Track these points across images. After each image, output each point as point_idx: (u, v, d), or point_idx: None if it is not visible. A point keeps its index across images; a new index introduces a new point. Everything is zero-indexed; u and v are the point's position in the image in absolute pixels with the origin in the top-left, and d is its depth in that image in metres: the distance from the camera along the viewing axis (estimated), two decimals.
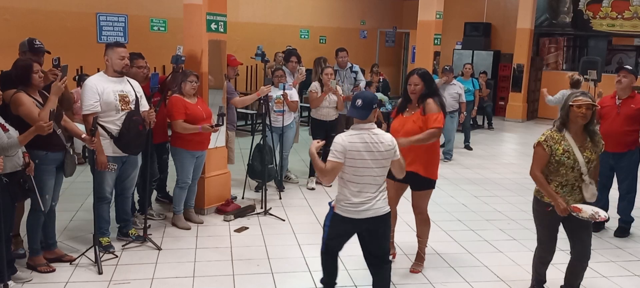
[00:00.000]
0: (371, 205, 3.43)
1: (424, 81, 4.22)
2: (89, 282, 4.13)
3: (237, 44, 10.81)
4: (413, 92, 4.24)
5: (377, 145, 3.38)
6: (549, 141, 3.63)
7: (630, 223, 5.55)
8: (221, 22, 5.58)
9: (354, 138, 3.38)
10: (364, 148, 3.37)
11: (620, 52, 13.43)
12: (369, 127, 3.41)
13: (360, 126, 3.42)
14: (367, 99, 3.39)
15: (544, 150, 3.64)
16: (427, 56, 9.23)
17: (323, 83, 6.62)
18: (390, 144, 3.44)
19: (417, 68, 4.44)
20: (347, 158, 3.37)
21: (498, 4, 14.58)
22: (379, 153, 3.39)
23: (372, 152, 3.38)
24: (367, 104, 3.37)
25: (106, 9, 9.19)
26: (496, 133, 11.88)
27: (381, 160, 3.41)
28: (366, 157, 3.37)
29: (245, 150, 7.77)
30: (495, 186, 7.37)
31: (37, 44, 4.51)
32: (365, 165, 3.38)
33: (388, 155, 3.43)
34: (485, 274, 4.53)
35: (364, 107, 3.36)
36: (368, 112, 3.38)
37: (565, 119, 3.64)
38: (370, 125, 3.42)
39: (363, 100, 3.38)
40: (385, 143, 3.41)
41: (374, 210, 3.45)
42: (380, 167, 3.43)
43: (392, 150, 3.45)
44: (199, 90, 5.29)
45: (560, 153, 3.61)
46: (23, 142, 3.72)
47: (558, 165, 3.63)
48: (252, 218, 5.64)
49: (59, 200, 4.43)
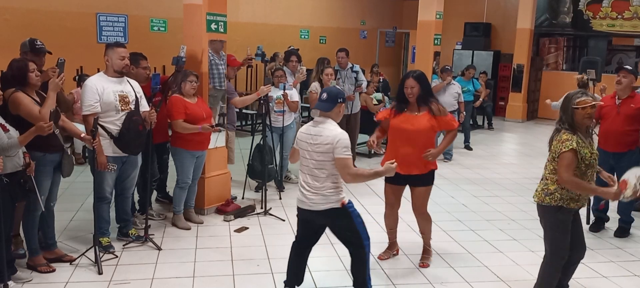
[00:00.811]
0: (309, 196, 3.52)
1: (419, 83, 4.30)
2: (89, 282, 4.13)
3: (237, 44, 10.81)
4: (410, 95, 4.31)
5: (316, 138, 3.47)
6: (579, 146, 3.52)
7: (630, 223, 5.55)
8: (221, 22, 5.58)
9: (305, 129, 3.58)
10: (306, 138, 3.52)
11: (620, 52, 13.43)
12: (322, 120, 3.51)
13: (317, 119, 3.55)
14: (332, 93, 3.55)
15: (576, 156, 3.52)
16: (427, 56, 9.23)
17: (323, 83, 6.62)
18: (329, 139, 3.42)
19: (412, 70, 4.49)
20: (297, 146, 3.62)
21: (498, 4, 14.58)
22: (316, 145, 3.46)
23: (310, 143, 3.49)
24: (331, 98, 3.51)
25: (106, 9, 9.19)
26: (496, 133, 11.88)
27: (317, 152, 3.46)
28: (306, 147, 3.52)
29: (245, 150, 7.77)
30: (495, 186, 7.37)
31: (39, 45, 4.52)
32: (306, 155, 3.54)
33: (326, 149, 3.43)
34: (485, 274, 4.53)
35: (329, 99, 3.51)
36: (331, 105, 3.49)
37: (572, 121, 3.58)
38: (325, 119, 3.51)
39: (328, 94, 3.54)
40: (324, 137, 3.44)
41: (311, 203, 3.52)
42: (315, 160, 3.48)
43: (331, 146, 3.41)
44: (199, 90, 5.29)
45: (589, 156, 3.57)
46: (23, 143, 3.72)
47: (586, 169, 3.58)
48: (252, 218, 5.64)
49: (58, 200, 4.43)
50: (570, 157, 3.51)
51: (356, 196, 6.06)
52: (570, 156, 3.51)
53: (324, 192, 3.49)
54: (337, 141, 3.41)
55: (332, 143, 3.41)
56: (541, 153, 3.76)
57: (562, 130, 3.63)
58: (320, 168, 3.47)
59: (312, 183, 3.50)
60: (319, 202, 3.50)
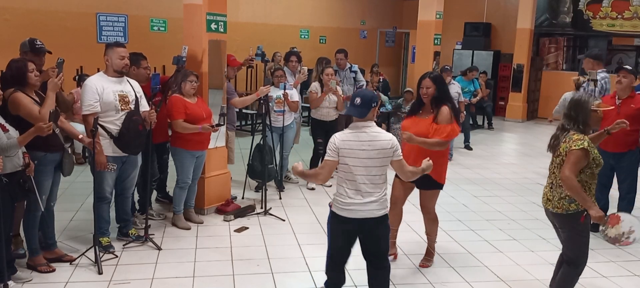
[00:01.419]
0: (366, 206, 3.37)
1: (435, 84, 4.26)
2: (89, 282, 4.13)
3: (237, 44, 10.80)
4: (425, 95, 4.27)
5: (373, 143, 3.34)
6: (590, 146, 3.51)
7: None
8: (221, 22, 5.58)
9: (348, 136, 3.38)
10: (358, 146, 3.34)
11: (620, 52, 13.42)
12: (366, 125, 3.37)
13: (358, 124, 3.39)
14: (366, 98, 3.37)
15: (587, 156, 3.49)
16: (427, 56, 9.24)
17: (323, 83, 6.62)
18: (389, 143, 3.37)
19: (430, 71, 4.51)
20: (341, 157, 3.37)
21: (498, 4, 14.58)
22: (376, 151, 3.34)
23: (367, 150, 3.33)
24: (366, 102, 3.34)
25: (106, 9, 9.19)
26: (496, 133, 11.88)
27: (378, 158, 3.35)
28: (361, 155, 3.33)
29: (245, 150, 7.77)
30: (495, 186, 7.37)
31: (38, 44, 4.52)
32: (359, 163, 3.34)
33: (386, 154, 3.37)
34: (485, 274, 4.53)
35: (363, 105, 3.34)
36: (366, 110, 3.35)
37: (585, 122, 3.58)
38: (368, 123, 3.38)
39: (362, 98, 3.36)
40: (383, 141, 3.36)
41: (369, 210, 3.38)
42: (376, 166, 3.36)
43: (391, 150, 3.38)
44: (199, 90, 5.29)
45: (598, 157, 3.57)
46: (22, 143, 3.72)
47: (597, 168, 3.58)
48: (252, 218, 5.64)
49: (58, 200, 4.44)
50: (580, 156, 3.47)
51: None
52: (580, 155, 3.47)
53: (382, 197, 3.42)
54: (395, 143, 3.39)
55: (392, 146, 3.36)
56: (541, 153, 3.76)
57: (570, 131, 3.60)
58: (380, 174, 3.38)
59: (372, 190, 3.36)
60: (376, 209, 3.40)
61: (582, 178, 3.56)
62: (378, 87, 10.55)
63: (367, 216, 3.39)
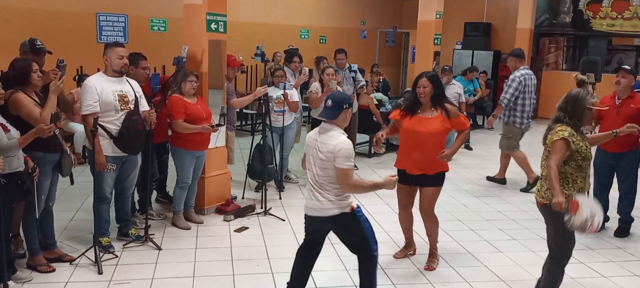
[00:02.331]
0: (314, 203, 3.47)
1: (432, 83, 4.29)
2: (89, 282, 4.13)
3: (237, 44, 10.80)
4: (422, 94, 4.29)
5: (321, 145, 3.39)
6: (572, 137, 3.56)
7: (630, 223, 5.55)
8: (221, 22, 5.58)
9: (313, 134, 3.52)
10: (313, 144, 3.46)
11: (620, 52, 13.42)
12: (330, 128, 3.42)
13: (324, 126, 3.45)
14: (337, 100, 3.42)
15: (568, 145, 3.54)
16: (427, 56, 9.23)
17: (324, 83, 6.62)
18: (333, 147, 3.33)
19: (426, 71, 4.51)
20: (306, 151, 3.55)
21: (498, 4, 14.57)
22: (322, 153, 3.39)
23: (316, 149, 3.42)
24: (337, 104, 3.40)
25: (106, 9, 9.19)
26: (496, 133, 11.84)
27: (322, 160, 3.39)
28: (313, 153, 3.45)
29: (245, 150, 7.77)
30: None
31: (39, 45, 4.51)
32: (312, 161, 3.48)
33: (328, 157, 3.35)
34: (485, 274, 4.53)
35: (334, 107, 3.40)
36: (337, 112, 3.39)
37: (580, 118, 3.63)
38: (332, 127, 3.42)
39: (333, 100, 3.41)
40: (329, 145, 3.35)
41: (320, 209, 3.46)
42: (322, 168, 3.40)
43: (331, 154, 3.33)
44: (199, 90, 5.29)
45: (585, 149, 3.60)
46: (23, 144, 3.72)
47: (583, 161, 3.61)
48: (252, 218, 5.64)
49: (58, 200, 4.44)
50: (560, 145, 3.54)
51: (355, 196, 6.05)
52: (560, 144, 3.54)
53: (331, 197, 3.43)
54: (339, 150, 3.31)
55: (333, 151, 3.33)
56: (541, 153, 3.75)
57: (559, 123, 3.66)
58: (325, 175, 3.40)
59: (319, 189, 3.44)
60: (328, 208, 3.44)
61: (566, 170, 3.62)
62: (378, 87, 10.56)
63: (317, 214, 3.49)
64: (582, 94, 3.66)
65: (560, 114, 3.69)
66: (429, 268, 4.56)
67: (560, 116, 3.68)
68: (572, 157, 3.59)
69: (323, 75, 6.65)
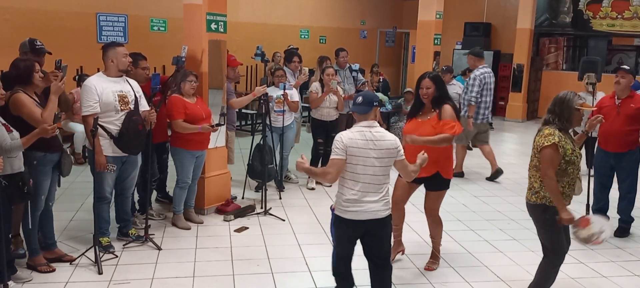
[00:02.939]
0: (371, 206, 3.35)
1: (435, 84, 4.24)
2: (89, 282, 4.13)
3: (237, 44, 10.80)
4: (425, 96, 4.25)
5: (378, 143, 3.33)
6: (561, 142, 3.56)
7: (630, 223, 5.55)
8: (221, 22, 5.58)
9: (355, 135, 3.36)
10: (364, 145, 3.32)
11: (620, 52, 13.43)
12: (370, 124, 3.39)
13: (361, 123, 3.40)
14: (367, 97, 3.42)
15: (558, 152, 3.54)
16: (427, 56, 9.24)
17: (324, 83, 6.62)
18: (394, 144, 3.38)
19: (429, 71, 4.48)
20: (348, 155, 3.33)
21: (498, 4, 14.58)
22: (381, 151, 3.33)
23: (373, 149, 3.32)
24: (367, 101, 3.39)
25: (106, 9, 9.19)
26: (496, 133, 11.87)
27: (383, 158, 3.35)
28: (367, 154, 3.32)
29: (245, 150, 7.77)
30: (495, 186, 7.37)
31: (38, 45, 4.51)
32: (366, 162, 3.32)
33: (390, 154, 3.37)
34: (485, 274, 4.53)
35: (365, 103, 3.39)
36: (368, 108, 3.39)
37: (568, 119, 3.63)
38: (371, 122, 3.40)
39: (364, 97, 3.42)
40: (388, 141, 3.37)
41: (373, 212, 3.36)
42: (381, 166, 3.35)
43: (396, 150, 3.39)
44: (199, 90, 5.29)
45: (570, 152, 3.60)
46: (26, 144, 3.72)
47: (567, 165, 3.60)
48: (252, 218, 5.64)
49: (59, 200, 4.44)
50: (551, 153, 3.54)
51: None
52: (551, 152, 3.54)
53: (385, 197, 3.40)
54: (399, 144, 3.40)
55: (396, 146, 3.37)
56: None
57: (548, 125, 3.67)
58: (385, 173, 3.38)
59: (376, 190, 3.35)
60: (381, 210, 3.38)
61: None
62: (378, 87, 10.55)
63: (371, 218, 3.36)
64: (569, 96, 3.67)
65: (549, 116, 3.71)
66: (429, 268, 4.55)
67: (549, 118, 3.70)
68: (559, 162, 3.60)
69: (323, 75, 6.65)
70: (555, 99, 3.72)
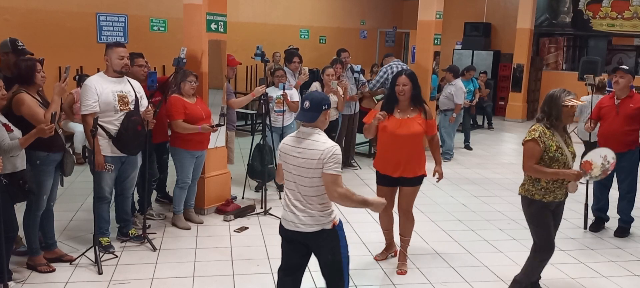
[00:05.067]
0: (295, 218, 3.07)
1: (412, 82, 4.19)
2: (89, 282, 4.13)
3: (237, 44, 10.80)
4: (401, 93, 4.17)
5: (304, 152, 3.01)
6: (542, 137, 3.68)
7: (630, 223, 5.55)
8: (221, 22, 5.58)
9: (290, 140, 3.13)
10: (292, 152, 3.07)
11: (620, 52, 13.43)
12: (312, 131, 3.06)
13: (304, 129, 3.09)
14: (315, 101, 3.06)
15: (538, 146, 3.67)
16: (427, 56, 9.23)
17: (324, 83, 6.62)
18: (319, 154, 2.97)
19: (404, 68, 4.45)
20: (282, 161, 3.15)
21: (498, 4, 14.58)
22: (304, 160, 3.00)
23: (297, 158, 3.03)
24: (315, 106, 3.05)
25: (106, 9, 9.19)
26: (496, 133, 11.88)
27: (306, 168, 3.00)
28: (292, 162, 3.06)
29: (245, 150, 7.77)
30: (495, 186, 7.37)
31: (20, 45, 4.48)
32: (290, 169, 3.08)
33: (312, 165, 2.98)
34: (485, 274, 4.53)
35: (312, 108, 3.05)
36: (316, 114, 3.04)
37: (557, 117, 3.71)
38: (315, 130, 3.06)
39: (311, 102, 3.06)
40: (313, 151, 2.99)
41: (302, 225, 3.06)
42: (305, 177, 3.01)
43: (320, 161, 2.96)
44: (199, 90, 5.29)
45: (554, 149, 3.68)
46: (24, 145, 3.72)
47: (551, 162, 3.69)
48: (252, 218, 5.65)
49: (59, 200, 4.44)
50: (531, 147, 3.69)
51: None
52: (530, 146, 3.70)
53: (313, 212, 3.04)
54: (330, 155, 2.95)
55: (322, 157, 2.95)
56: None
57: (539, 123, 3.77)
58: (310, 185, 3.01)
59: (299, 203, 3.05)
60: (308, 223, 3.05)
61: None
62: None
63: (295, 229, 3.08)
64: (557, 93, 3.74)
65: (540, 115, 3.80)
66: (401, 271, 4.44)
67: (540, 116, 3.80)
68: (542, 158, 3.70)
69: (323, 75, 6.65)
70: (545, 98, 3.82)
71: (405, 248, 4.52)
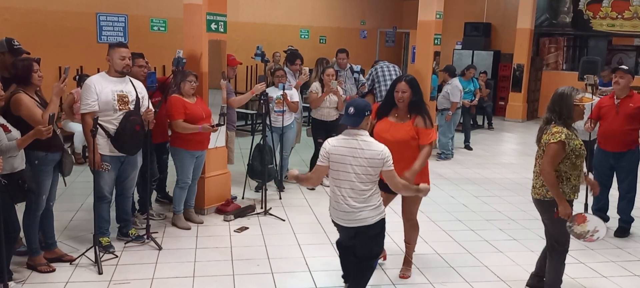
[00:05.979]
0: (355, 215, 3.40)
1: (411, 88, 4.06)
2: (89, 282, 4.13)
3: (237, 44, 10.81)
4: (401, 100, 4.06)
5: (363, 152, 3.35)
6: (568, 138, 3.62)
7: (630, 223, 5.55)
8: (221, 22, 5.58)
9: (340, 142, 3.42)
10: (348, 153, 3.37)
11: (620, 52, 13.43)
12: (358, 133, 3.40)
13: (350, 131, 3.42)
14: (359, 107, 3.39)
15: (564, 149, 3.61)
16: (427, 56, 9.23)
17: (324, 83, 6.63)
18: (380, 154, 3.35)
19: (405, 74, 4.37)
20: (331, 162, 3.42)
21: (498, 4, 14.58)
22: (364, 160, 3.34)
23: (356, 158, 3.35)
24: (359, 111, 3.37)
25: (106, 9, 9.19)
26: (496, 133, 11.88)
27: (366, 167, 3.35)
28: (350, 162, 3.36)
29: (245, 150, 7.77)
30: (495, 186, 7.37)
31: (16, 45, 4.47)
32: (347, 170, 3.37)
33: (374, 164, 3.35)
34: (485, 274, 4.53)
35: (356, 114, 3.37)
36: (360, 119, 3.38)
37: (569, 116, 3.68)
38: (360, 132, 3.40)
39: (355, 107, 3.39)
40: (373, 151, 3.36)
41: (359, 220, 3.41)
42: (365, 174, 3.36)
43: (381, 160, 3.35)
44: (199, 90, 5.29)
45: (579, 147, 3.65)
46: (22, 146, 3.72)
47: (577, 159, 3.66)
48: (252, 218, 5.64)
49: (59, 200, 4.44)
50: (557, 149, 3.61)
51: None
52: (557, 148, 3.61)
53: (371, 205, 3.41)
54: (387, 155, 3.36)
55: (383, 157, 3.34)
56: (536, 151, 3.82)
57: (552, 123, 3.71)
58: (368, 181, 3.37)
59: (359, 198, 3.38)
60: (368, 217, 3.40)
61: (561, 168, 3.68)
62: None
63: (353, 225, 3.43)
64: (567, 92, 3.71)
65: (550, 115, 3.74)
66: (404, 276, 4.40)
67: (551, 117, 3.73)
68: (567, 156, 3.65)
69: (323, 75, 6.65)
70: (554, 97, 3.76)
71: (410, 254, 4.49)
